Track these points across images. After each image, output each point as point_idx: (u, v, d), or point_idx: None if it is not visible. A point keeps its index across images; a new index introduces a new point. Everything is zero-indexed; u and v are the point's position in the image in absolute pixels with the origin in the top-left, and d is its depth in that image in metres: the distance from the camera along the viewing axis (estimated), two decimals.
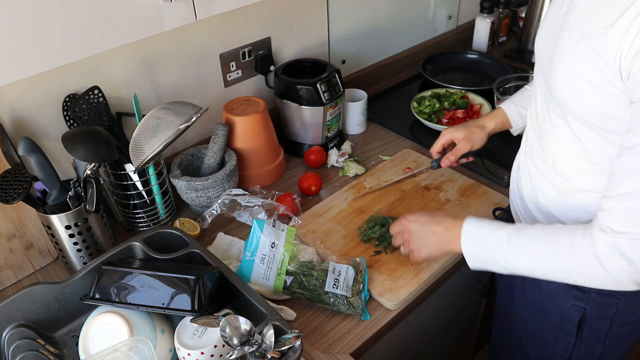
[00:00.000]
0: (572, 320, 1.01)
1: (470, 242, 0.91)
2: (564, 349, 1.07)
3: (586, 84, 0.76)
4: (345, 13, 1.61)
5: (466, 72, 1.89)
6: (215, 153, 1.26)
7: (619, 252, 0.75)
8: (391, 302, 1.03)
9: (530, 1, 1.92)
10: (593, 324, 1.01)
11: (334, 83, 1.38)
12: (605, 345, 1.04)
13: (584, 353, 1.06)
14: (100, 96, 1.13)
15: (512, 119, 1.19)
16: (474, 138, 1.17)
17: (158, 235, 1.04)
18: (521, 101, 1.19)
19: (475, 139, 1.17)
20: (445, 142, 1.20)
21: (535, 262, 0.84)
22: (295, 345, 0.79)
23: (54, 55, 0.80)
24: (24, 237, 1.11)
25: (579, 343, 1.04)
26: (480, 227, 0.91)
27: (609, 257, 0.76)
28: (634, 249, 0.74)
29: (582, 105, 0.80)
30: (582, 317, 1.00)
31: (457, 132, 1.18)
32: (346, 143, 1.50)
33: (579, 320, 1.00)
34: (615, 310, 0.97)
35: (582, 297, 0.97)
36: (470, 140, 1.17)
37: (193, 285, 0.88)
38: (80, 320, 0.98)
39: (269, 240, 1.05)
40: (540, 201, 0.97)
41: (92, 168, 1.02)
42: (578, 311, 0.99)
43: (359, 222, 1.22)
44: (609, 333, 1.01)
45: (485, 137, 1.18)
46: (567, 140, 0.87)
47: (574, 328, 1.02)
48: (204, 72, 1.36)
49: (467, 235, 0.91)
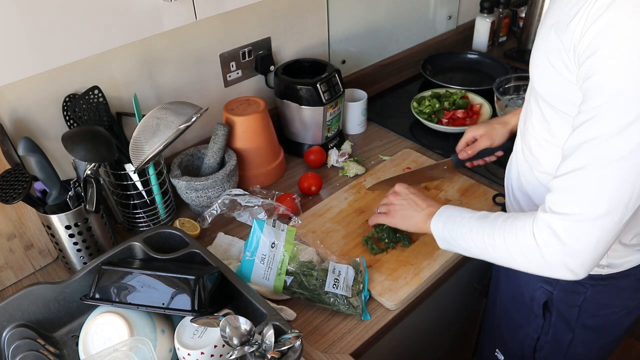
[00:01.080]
0: (539, 301, 1.05)
1: (439, 222, 0.97)
2: (534, 331, 1.11)
3: (550, 68, 0.79)
4: (345, 13, 1.61)
5: (466, 72, 1.89)
6: (215, 153, 1.26)
7: (554, 232, 0.76)
8: (391, 302, 1.03)
9: (530, 1, 1.92)
10: (561, 309, 1.04)
11: (334, 83, 1.38)
12: (574, 333, 1.06)
13: (553, 338, 1.09)
14: (100, 96, 1.13)
15: None
16: (494, 134, 1.19)
17: (158, 235, 1.04)
18: None
19: (495, 135, 1.19)
20: (467, 140, 1.23)
21: (488, 242, 0.86)
22: (295, 345, 0.79)
23: (54, 55, 0.80)
24: (24, 237, 1.11)
25: (547, 326, 1.08)
26: (451, 211, 0.97)
27: (544, 238, 0.77)
28: (567, 231, 0.75)
29: (547, 89, 0.83)
30: (550, 300, 1.04)
31: (478, 130, 1.22)
32: (346, 143, 1.50)
33: (546, 302, 1.04)
34: (583, 298, 1.00)
35: (550, 281, 1.01)
36: (490, 136, 1.19)
37: (193, 285, 0.88)
38: (80, 320, 0.98)
39: (269, 240, 1.05)
40: (522, 183, 0.99)
41: (92, 168, 1.02)
42: (545, 294, 1.03)
43: (359, 222, 1.22)
44: (578, 321, 1.04)
45: (506, 133, 1.19)
46: (539, 123, 0.89)
47: (540, 310, 1.06)
48: (204, 72, 1.36)
49: (438, 215, 0.98)
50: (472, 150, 1.21)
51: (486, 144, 1.20)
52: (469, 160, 1.25)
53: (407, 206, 1.06)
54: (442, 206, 0.99)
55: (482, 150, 1.21)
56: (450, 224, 0.94)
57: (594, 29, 0.68)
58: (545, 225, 0.77)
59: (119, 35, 0.86)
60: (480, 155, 1.23)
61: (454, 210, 0.97)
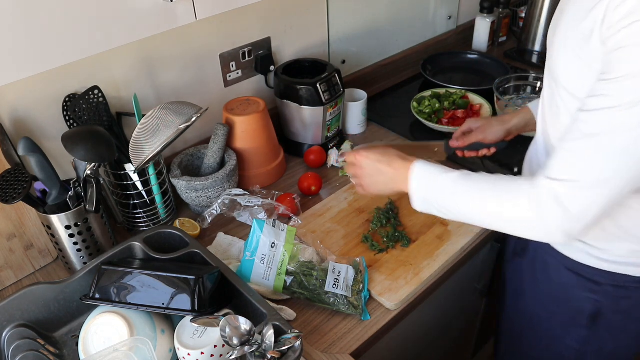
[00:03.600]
0: (585, 312, 1.01)
1: (418, 183, 0.92)
2: (575, 342, 1.07)
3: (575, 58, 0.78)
4: (345, 13, 1.61)
5: (466, 72, 1.89)
6: (215, 153, 1.26)
7: (556, 198, 0.76)
8: (391, 302, 1.03)
9: (530, 1, 1.92)
10: (609, 317, 1.01)
11: (334, 83, 1.38)
12: (619, 339, 1.04)
13: (597, 348, 1.06)
14: (100, 96, 1.13)
15: None
16: (488, 130, 1.17)
17: (158, 235, 1.04)
18: None
19: (489, 131, 1.17)
20: (464, 129, 1.21)
21: (477, 205, 0.86)
22: (295, 345, 0.79)
23: (54, 55, 0.80)
24: (24, 237, 1.11)
25: (592, 336, 1.04)
26: (429, 169, 0.92)
27: (545, 203, 0.77)
28: (570, 197, 0.76)
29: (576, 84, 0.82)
30: (597, 310, 1.00)
31: (476, 122, 1.20)
32: (346, 143, 1.50)
33: (594, 313, 1.00)
34: (630, 302, 0.98)
35: (595, 290, 0.98)
36: (484, 130, 1.17)
37: (193, 285, 0.88)
38: (80, 320, 0.98)
39: (269, 240, 1.05)
40: None
41: (92, 168, 1.02)
42: (592, 304, 1.00)
43: (359, 222, 1.22)
44: (624, 327, 1.02)
45: (502, 131, 1.17)
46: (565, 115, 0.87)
47: (587, 321, 1.02)
48: (204, 72, 1.36)
49: (415, 175, 0.93)
50: (462, 141, 1.18)
51: (479, 137, 1.17)
52: (460, 149, 1.21)
53: (373, 173, 1.00)
54: (410, 165, 0.94)
55: (474, 143, 1.19)
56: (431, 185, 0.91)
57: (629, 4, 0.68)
58: (546, 190, 0.77)
59: (119, 35, 0.86)
60: (472, 147, 1.20)
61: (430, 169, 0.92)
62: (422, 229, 1.19)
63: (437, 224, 1.21)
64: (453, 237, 1.17)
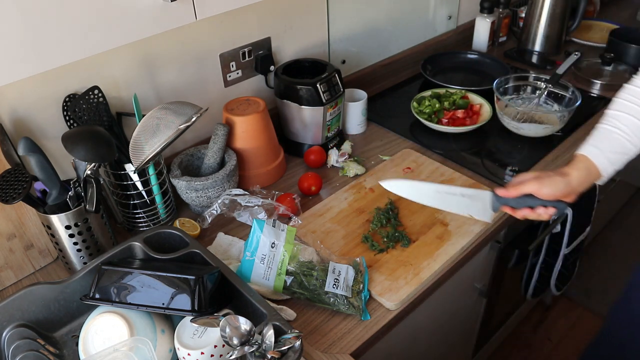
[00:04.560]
0: None
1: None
2: None
3: None
4: (345, 13, 1.61)
5: (466, 72, 1.89)
6: (215, 153, 1.26)
7: None
8: (391, 302, 1.03)
9: (530, 1, 1.92)
10: None
11: (334, 83, 1.38)
12: None
13: None
14: (100, 96, 1.13)
15: (601, 168, 1.00)
16: (545, 181, 0.98)
17: (158, 235, 1.04)
18: (610, 146, 1.01)
19: (546, 182, 0.98)
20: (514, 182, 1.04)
21: None
22: (295, 345, 0.79)
23: (54, 55, 0.80)
24: (24, 237, 1.11)
25: None
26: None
27: None
28: None
29: None
30: None
31: (528, 174, 1.03)
32: (346, 143, 1.50)
33: None
34: None
35: None
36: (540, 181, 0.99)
37: (193, 285, 0.88)
38: (80, 320, 0.98)
39: (269, 240, 1.05)
40: None
41: (92, 168, 1.02)
42: None
43: (359, 222, 1.22)
44: None
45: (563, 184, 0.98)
46: None
47: None
48: (204, 72, 1.36)
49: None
50: (514, 190, 1.00)
51: (532, 189, 0.98)
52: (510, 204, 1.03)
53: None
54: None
55: (527, 197, 1.00)
56: None
57: None
58: None
59: (119, 35, 0.86)
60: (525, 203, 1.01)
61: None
62: (422, 229, 1.19)
63: (437, 224, 1.21)
64: (453, 237, 1.17)
